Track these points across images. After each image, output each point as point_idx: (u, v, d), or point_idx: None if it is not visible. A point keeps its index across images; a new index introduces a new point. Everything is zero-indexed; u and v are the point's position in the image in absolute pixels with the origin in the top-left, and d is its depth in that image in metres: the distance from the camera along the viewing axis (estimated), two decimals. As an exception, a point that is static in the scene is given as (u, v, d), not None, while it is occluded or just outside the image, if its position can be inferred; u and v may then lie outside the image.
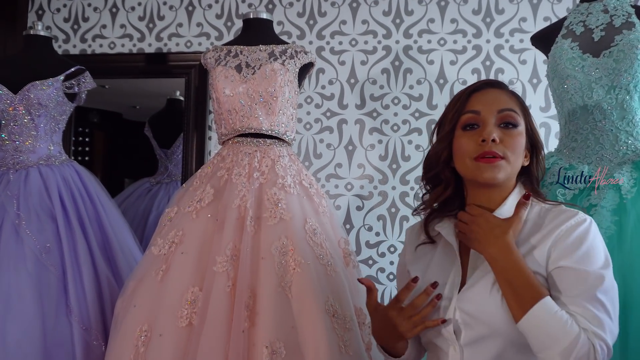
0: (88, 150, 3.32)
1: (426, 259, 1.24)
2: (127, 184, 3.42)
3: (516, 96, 1.21)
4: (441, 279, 1.15)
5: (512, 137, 1.13)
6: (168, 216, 1.82)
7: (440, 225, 1.23)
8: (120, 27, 2.86)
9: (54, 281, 1.87)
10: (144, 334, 1.62)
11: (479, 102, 1.16)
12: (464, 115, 1.16)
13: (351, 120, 2.67)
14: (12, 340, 1.75)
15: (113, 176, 3.44)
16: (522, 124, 1.16)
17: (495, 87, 1.20)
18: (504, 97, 1.17)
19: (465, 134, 1.15)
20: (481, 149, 1.11)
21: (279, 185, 1.74)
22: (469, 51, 2.61)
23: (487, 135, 1.11)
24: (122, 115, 3.42)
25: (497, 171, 1.10)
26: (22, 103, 2.05)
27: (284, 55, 1.88)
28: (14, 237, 1.88)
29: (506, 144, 1.12)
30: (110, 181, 3.38)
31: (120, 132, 3.42)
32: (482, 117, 1.14)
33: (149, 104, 3.21)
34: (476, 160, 1.11)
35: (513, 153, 1.12)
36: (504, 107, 1.15)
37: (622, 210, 1.33)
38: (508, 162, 1.11)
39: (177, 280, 1.66)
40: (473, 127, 1.15)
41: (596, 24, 1.51)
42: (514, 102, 1.18)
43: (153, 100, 3.17)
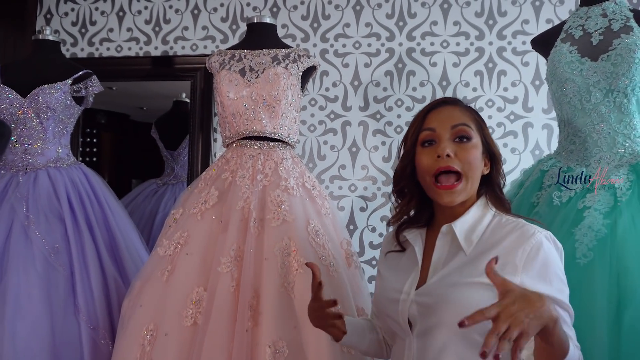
0: (96, 151, 3.35)
1: (395, 264, 1.32)
2: (135, 184, 3.45)
3: (471, 111, 1.28)
4: (403, 278, 1.24)
5: (466, 150, 1.20)
6: (173, 217, 1.85)
7: (409, 231, 1.31)
8: (127, 31, 2.90)
9: (62, 281, 1.90)
10: (150, 333, 1.66)
11: (434, 119, 1.24)
12: (421, 132, 1.24)
13: (355, 122, 2.69)
14: (21, 339, 1.78)
15: (121, 177, 3.47)
16: (476, 137, 1.23)
17: (451, 104, 1.28)
18: (458, 113, 1.24)
19: (424, 150, 1.23)
20: (437, 164, 1.19)
21: (282, 187, 1.77)
22: (471, 53, 2.63)
23: (442, 151, 1.19)
24: (130, 117, 3.45)
25: (455, 196, 1.19)
26: (31, 107, 2.09)
27: (287, 59, 1.90)
28: (23, 238, 1.91)
29: (461, 157, 1.19)
30: (117, 182, 3.42)
31: (127, 133, 3.45)
32: (437, 133, 1.22)
33: (156, 105, 3.24)
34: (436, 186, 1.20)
35: (469, 168, 1.19)
36: (457, 122, 1.22)
37: (615, 212, 1.35)
38: (465, 178, 1.19)
39: (182, 280, 1.69)
40: (431, 144, 1.22)
41: (595, 28, 1.53)
42: (467, 117, 1.25)
43: (160, 102, 3.20)
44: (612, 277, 1.28)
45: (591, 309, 1.27)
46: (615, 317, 1.24)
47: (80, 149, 3.14)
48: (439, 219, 1.28)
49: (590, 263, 1.33)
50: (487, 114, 2.59)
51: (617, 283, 1.27)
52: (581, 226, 1.37)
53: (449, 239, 1.22)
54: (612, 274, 1.28)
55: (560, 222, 1.41)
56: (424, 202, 1.31)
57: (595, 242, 1.33)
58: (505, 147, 2.59)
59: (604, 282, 1.28)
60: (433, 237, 1.26)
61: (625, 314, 1.23)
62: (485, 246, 1.16)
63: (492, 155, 1.27)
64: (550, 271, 1.09)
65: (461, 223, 1.21)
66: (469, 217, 1.21)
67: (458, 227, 1.20)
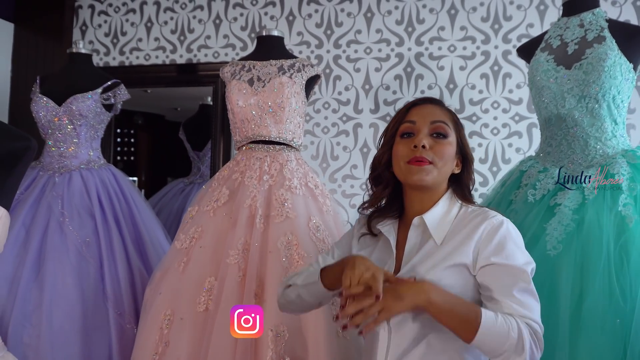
0: (133, 151, 3.55)
1: (368, 250, 1.40)
2: (170, 182, 3.66)
3: (451, 112, 1.37)
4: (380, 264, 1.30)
5: (441, 146, 1.29)
6: (190, 214, 2.04)
7: (382, 224, 1.39)
8: (154, 40, 3.11)
9: (93, 271, 2.10)
10: (168, 318, 1.84)
11: (416, 114, 1.33)
12: (402, 124, 1.33)
13: (366, 124, 2.83)
14: (57, 322, 1.98)
15: (156, 175, 3.67)
16: (452, 135, 1.32)
17: (433, 103, 1.37)
18: (439, 112, 1.33)
19: (402, 140, 1.32)
20: (412, 153, 1.28)
21: (286, 186, 1.93)
22: (477, 57, 2.73)
23: (418, 142, 1.27)
24: (165, 117, 3.66)
25: (424, 174, 1.27)
26: (66, 114, 2.31)
27: (292, 69, 2.06)
28: (58, 233, 2.12)
29: (435, 151, 1.28)
30: (153, 180, 3.64)
31: (163, 133, 3.64)
32: (417, 126, 1.30)
33: (189, 106, 3.41)
34: (408, 163, 1.28)
35: (441, 159, 1.28)
36: (436, 119, 1.31)
37: (583, 209, 1.46)
38: (435, 166, 1.27)
39: (196, 270, 1.87)
40: (410, 135, 1.31)
41: (571, 38, 1.63)
42: (447, 116, 1.34)
43: (193, 103, 3.37)
44: (577, 268, 1.39)
45: (557, 296, 1.38)
46: (577, 305, 1.35)
47: (117, 149, 3.34)
48: (408, 211, 1.35)
49: (559, 255, 1.44)
50: (492, 115, 2.70)
51: (580, 273, 1.38)
52: (552, 221, 1.49)
53: (420, 230, 1.31)
54: (576, 265, 1.39)
55: (533, 217, 1.53)
56: (397, 193, 1.38)
57: (564, 236, 1.45)
58: (510, 146, 2.68)
59: (569, 272, 1.39)
60: (404, 229, 1.34)
61: (585, 302, 1.34)
62: (454, 233, 1.26)
63: (464, 156, 1.36)
64: (508, 243, 1.19)
65: (431, 214, 1.29)
66: (438, 209, 1.30)
67: (429, 219, 1.29)
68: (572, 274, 1.39)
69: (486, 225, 1.22)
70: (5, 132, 1.05)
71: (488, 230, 1.22)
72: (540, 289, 1.34)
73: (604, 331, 1.30)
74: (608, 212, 1.42)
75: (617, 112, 1.56)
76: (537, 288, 1.30)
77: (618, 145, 1.56)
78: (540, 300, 1.28)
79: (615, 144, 1.56)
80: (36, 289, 2.02)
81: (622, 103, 1.57)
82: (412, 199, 1.34)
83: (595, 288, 1.33)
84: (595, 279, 1.34)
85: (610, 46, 1.54)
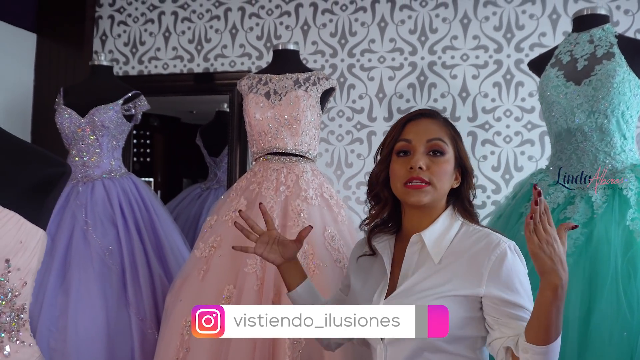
0: (149, 152, 3.62)
1: (366, 269, 1.41)
2: (186, 184, 3.72)
3: (447, 125, 1.34)
4: (373, 288, 1.33)
5: (438, 165, 1.27)
6: (209, 224, 2.10)
7: (377, 240, 1.39)
8: (172, 50, 3.19)
9: (115, 279, 2.18)
10: (189, 324, 1.90)
11: (411, 131, 1.31)
12: (398, 142, 1.31)
13: (379, 132, 2.87)
14: (82, 327, 2.06)
15: (172, 176, 3.75)
16: (449, 151, 1.29)
17: (428, 117, 1.34)
18: (435, 127, 1.31)
19: (399, 159, 1.30)
20: (409, 174, 1.26)
21: (302, 197, 1.99)
22: (490, 65, 2.76)
23: (415, 163, 1.26)
24: (181, 119, 3.73)
25: (422, 195, 1.25)
26: (89, 125, 2.39)
27: (307, 82, 2.12)
28: (82, 241, 2.20)
29: (432, 171, 1.26)
30: (169, 181, 3.71)
31: (178, 135, 3.69)
32: (413, 145, 1.29)
33: (205, 109, 3.48)
34: (405, 185, 1.27)
35: (439, 179, 1.26)
36: (433, 137, 1.29)
37: (592, 223, 1.49)
38: (434, 187, 1.26)
39: (215, 279, 1.93)
40: (406, 154, 1.29)
41: (581, 54, 1.67)
42: (443, 131, 1.31)
43: (208, 106, 3.43)
44: (585, 281, 1.43)
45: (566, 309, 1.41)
46: (586, 317, 1.39)
47: (134, 150, 3.42)
48: (407, 228, 1.34)
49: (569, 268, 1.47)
50: (505, 123, 2.73)
51: (589, 286, 1.42)
52: (561, 235, 1.52)
53: (418, 247, 1.28)
54: (585, 278, 1.43)
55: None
56: (395, 210, 1.38)
57: (574, 249, 1.48)
58: (523, 154, 2.71)
59: (578, 285, 1.43)
60: (402, 246, 1.32)
61: (593, 314, 1.38)
62: (453, 255, 1.24)
63: (464, 169, 1.33)
64: (515, 280, 1.18)
65: (430, 232, 1.27)
66: (438, 227, 1.28)
67: (427, 236, 1.26)
68: (581, 287, 1.42)
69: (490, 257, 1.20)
70: (43, 158, 1.12)
71: (492, 262, 1.20)
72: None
73: (611, 343, 1.33)
74: (616, 226, 1.46)
75: (626, 127, 1.59)
76: None
77: (627, 159, 1.60)
78: None
79: (624, 159, 1.60)
80: (62, 295, 2.09)
81: (632, 118, 1.60)
82: (411, 216, 1.33)
83: (603, 301, 1.37)
84: (603, 292, 1.38)
85: (619, 62, 1.57)
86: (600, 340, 1.34)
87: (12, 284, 1.05)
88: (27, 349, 1.09)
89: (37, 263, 1.11)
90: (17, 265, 1.04)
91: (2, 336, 1.04)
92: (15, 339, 1.06)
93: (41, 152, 1.14)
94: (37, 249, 1.10)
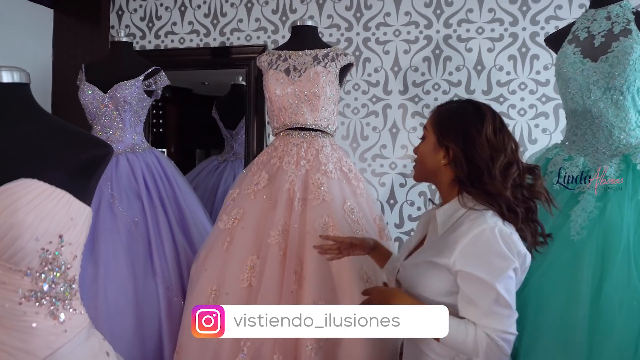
0: (162, 123, 3.67)
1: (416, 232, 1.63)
2: (199, 154, 3.79)
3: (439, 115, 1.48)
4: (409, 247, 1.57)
5: (419, 148, 1.51)
6: (231, 197, 2.18)
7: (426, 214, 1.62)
8: (188, 24, 3.21)
9: (142, 249, 2.26)
10: (214, 293, 1.99)
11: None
12: None
13: (395, 105, 2.91)
14: (112, 296, 2.15)
15: (185, 147, 3.80)
16: (429, 135, 1.47)
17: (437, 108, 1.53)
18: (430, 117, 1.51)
19: None
20: None
21: (322, 171, 2.05)
22: (505, 39, 2.77)
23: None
24: (192, 91, 3.77)
25: (414, 174, 1.54)
26: (111, 101, 2.44)
27: (326, 58, 2.16)
28: (109, 213, 2.28)
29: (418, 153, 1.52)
30: (182, 152, 3.77)
31: (190, 106, 3.73)
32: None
33: (217, 80, 3.52)
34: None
35: (419, 158, 1.51)
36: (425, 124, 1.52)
37: (605, 197, 1.54)
38: (417, 164, 1.51)
39: (239, 249, 2.01)
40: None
41: (598, 30, 1.69)
42: (432, 120, 1.49)
43: (220, 77, 3.47)
44: (598, 253, 1.49)
45: (579, 279, 1.48)
46: (598, 287, 1.45)
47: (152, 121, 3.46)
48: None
49: (582, 240, 1.54)
50: (519, 97, 2.76)
51: (601, 258, 1.48)
52: (576, 208, 1.58)
53: (435, 222, 1.47)
54: (598, 250, 1.49)
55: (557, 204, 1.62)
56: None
57: (588, 222, 1.54)
58: (537, 127, 2.75)
59: (591, 256, 1.49)
60: None
61: (605, 284, 1.44)
62: (449, 230, 1.38)
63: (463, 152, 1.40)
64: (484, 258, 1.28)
65: (441, 210, 1.44)
66: (447, 207, 1.43)
67: (439, 214, 1.44)
68: (594, 259, 1.48)
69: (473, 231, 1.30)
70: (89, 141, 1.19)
71: (472, 237, 1.29)
72: (563, 273, 1.46)
73: (621, 312, 1.40)
74: (629, 200, 1.51)
75: (641, 104, 1.63)
76: (561, 271, 1.41)
77: (642, 135, 1.64)
78: (564, 283, 1.39)
79: (638, 134, 1.63)
80: (91, 265, 2.18)
81: (647, 95, 1.63)
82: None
83: (615, 272, 1.43)
84: (614, 263, 1.44)
85: (636, 40, 1.60)
86: (611, 309, 1.41)
87: (65, 258, 1.13)
88: (79, 316, 1.17)
89: (84, 238, 1.19)
90: (69, 240, 1.12)
91: (58, 305, 1.12)
92: (69, 307, 1.15)
93: (87, 135, 1.20)
94: (85, 224, 1.17)
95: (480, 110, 1.42)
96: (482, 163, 1.36)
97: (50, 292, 1.11)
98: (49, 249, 1.09)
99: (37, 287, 1.09)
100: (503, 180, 1.34)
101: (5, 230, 1.03)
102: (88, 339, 1.17)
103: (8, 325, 1.08)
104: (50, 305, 1.11)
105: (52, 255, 1.10)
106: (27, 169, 1.10)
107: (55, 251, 1.10)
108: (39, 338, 1.10)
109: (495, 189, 1.34)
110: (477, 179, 1.37)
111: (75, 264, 1.16)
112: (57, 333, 1.12)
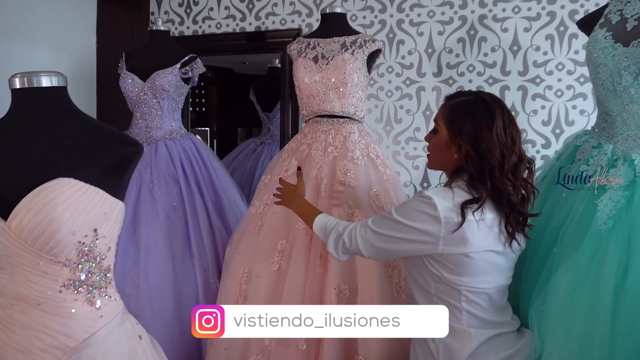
0: (204, 102, 3.77)
1: None
2: (240, 132, 3.88)
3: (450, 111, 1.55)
4: None
5: (431, 140, 1.63)
6: (263, 182, 2.25)
7: None
8: (224, 9, 3.27)
9: (180, 232, 2.37)
10: (246, 275, 2.08)
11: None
12: None
13: (429, 88, 2.90)
14: (152, 276, 2.27)
15: (227, 125, 3.90)
16: (441, 130, 1.57)
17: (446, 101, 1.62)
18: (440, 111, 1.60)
19: None
20: None
21: (349, 157, 2.09)
22: (543, 17, 2.70)
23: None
24: (234, 70, 3.85)
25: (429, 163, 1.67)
26: (150, 89, 2.54)
27: (354, 45, 2.17)
28: (149, 198, 2.39)
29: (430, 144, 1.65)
30: (224, 130, 3.87)
31: (232, 85, 3.82)
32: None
33: (257, 60, 3.57)
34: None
35: (431, 149, 1.64)
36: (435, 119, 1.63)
37: (633, 186, 1.52)
38: (430, 154, 1.65)
39: (270, 234, 2.09)
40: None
41: (631, 13, 1.63)
42: (442, 113, 1.58)
43: (260, 57, 3.51)
44: (624, 242, 1.47)
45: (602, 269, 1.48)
46: (622, 277, 1.44)
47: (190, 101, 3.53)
48: None
49: (609, 230, 1.52)
50: (557, 77, 2.69)
51: (627, 248, 1.46)
52: (603, 197, 1.56)
53: None
54: (624, 239, 1.47)
55: (584, 192, 1.61)
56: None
57: (615, 212, 1.52)
58: (575, 109, 2.68)
59: (617, 247, 1.48)
60: None
61: (629, 274, 1.43)
62: None
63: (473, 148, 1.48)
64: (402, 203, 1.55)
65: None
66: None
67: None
68: (620, 248, 1.47)
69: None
70: (121, 139, 1.27)
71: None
72: (590, 263, 1.47)
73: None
74: (656, 189, 1.48)
75: (673, 90, 1.57)
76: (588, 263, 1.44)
77: (673, 122, 1.59)
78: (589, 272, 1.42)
79: (670, 122, 1.59)
80: (133, 247, 2.31)
81: (679, 81, 1.58)
82: None
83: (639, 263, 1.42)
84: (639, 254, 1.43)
85: (671, 23, 1.54)
86: (635, 299, 1.40)
87: (100, 249, 1.23)
88: (114, 303, 1.28)
89: (118, 230, 1.29)
90: (103, 233, 1.22)
91: (94, 292, 1.22)
92: (104, 295, 1.25)
93: (119, 134, 1.29)
94: (118, 218, 1.27)
95: (490, 107, 1.47)
96: (493, 160, 1.44)
97: (87, 281, 1.22)
98: (84, 242, 1.19)
99: (75, 276, 1.20)
100: (514, 178, 1.46)
101: (45, 225, 1.13)
102: (122, 323, 1.28)
103: (50, 310, 1.19)
104: (87, 293, 1.22)
105: (88, 247, 1.20)
106: (65, 168, 1.19)
107: (90, 244, 1.20)
108: (77, 322, 1.21)
109: (503, 184, 1.43)
110: (489, 174, 1.44)
111: (110, 255, 1.26)
112: (94, 318, 1.23)
